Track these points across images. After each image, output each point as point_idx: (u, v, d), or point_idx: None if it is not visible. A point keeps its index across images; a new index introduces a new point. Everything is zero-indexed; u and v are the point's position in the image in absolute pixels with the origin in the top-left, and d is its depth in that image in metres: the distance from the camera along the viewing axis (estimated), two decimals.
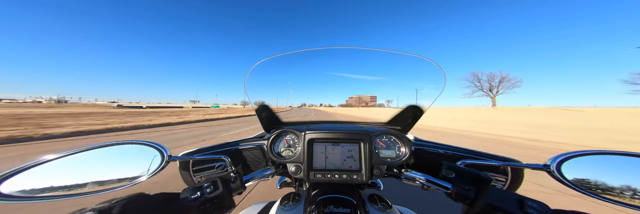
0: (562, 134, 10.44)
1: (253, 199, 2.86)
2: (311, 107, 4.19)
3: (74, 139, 7.76)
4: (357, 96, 1.98)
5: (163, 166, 0.62)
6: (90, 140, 7.77)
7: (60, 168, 0.54)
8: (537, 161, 0.64)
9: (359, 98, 3.77)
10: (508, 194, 0.56)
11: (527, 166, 0.67)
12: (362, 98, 4.02)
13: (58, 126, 10.02)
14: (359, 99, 4.35)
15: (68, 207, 0.43)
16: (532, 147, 7.24)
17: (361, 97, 3.00)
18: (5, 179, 0.48)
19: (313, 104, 3.19)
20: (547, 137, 9.44)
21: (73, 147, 0.58)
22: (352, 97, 2.18)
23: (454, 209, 0.82)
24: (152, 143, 0.65)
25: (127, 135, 8.87)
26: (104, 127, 10.25)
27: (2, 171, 0.48)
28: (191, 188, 0.58)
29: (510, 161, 0.79)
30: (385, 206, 0.73)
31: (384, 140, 0.91)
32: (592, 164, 0.58)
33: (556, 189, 3.16)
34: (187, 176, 0.87)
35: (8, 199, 0.47)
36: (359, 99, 4.43)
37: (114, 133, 9.25)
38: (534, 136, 9.54)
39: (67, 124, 11.27)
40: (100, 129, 9.69)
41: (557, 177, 0.58)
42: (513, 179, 0.82)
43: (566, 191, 3.03)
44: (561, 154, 0.60)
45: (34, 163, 0.52)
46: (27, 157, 4.92)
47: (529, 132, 11.26)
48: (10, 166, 0.47)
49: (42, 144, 6.73)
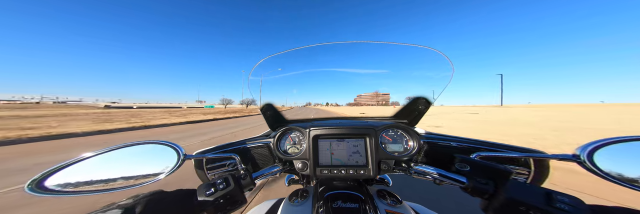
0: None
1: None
2: (315, 106, 4.07)
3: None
4: (368, 93, 1.86)
5: (179, 164, 0.66)
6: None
7: (94, 166, 0.60)
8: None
9: (371, 96, 3.45)
10: (533, 188, 0.51)
11: (553, 156, 0.60)
12: (376, 96, 3.69)
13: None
14: (370, 97, 4.05)
15: (100, 202, 0.46)
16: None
17: (375, 95, 2.74)
18: (49, 175, 0.53)
19: (319, 103, 3.14)
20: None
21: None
22: (362, 95, 2.08)
23: (468, 204, 0.77)
24: (170, 143, 0.68)
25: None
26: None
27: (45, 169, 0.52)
28: (206, 185, 0.60)
29: (532, 152, 0.72)
30: (395, 202, 0.70)
31: (391, 134, 0.89)
32: (630, 152, 0.51)
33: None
34: (202, 173, 0.90)
35: (53, 193, 0.52)
36: (371, 97, 4.13)
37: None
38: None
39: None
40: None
41: (589, 168, 0.52)
42: (537, 172, 0.75)
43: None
44: (592, 143, 0.54)
45: (73, 161, 0.57)
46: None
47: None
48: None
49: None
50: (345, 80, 1.64)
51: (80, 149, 6.40)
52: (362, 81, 1.58)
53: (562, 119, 15.60)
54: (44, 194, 0.51)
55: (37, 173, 0.52)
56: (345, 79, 1.61)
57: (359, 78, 1.53)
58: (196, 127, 12.49)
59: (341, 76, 1.51)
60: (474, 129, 9.98)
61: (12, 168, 4.34)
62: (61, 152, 5.86)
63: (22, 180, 3.66)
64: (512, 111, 30.89)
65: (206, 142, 7.51)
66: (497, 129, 9.83)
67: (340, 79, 1.60)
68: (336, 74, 1.50)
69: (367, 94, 2.34)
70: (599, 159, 0.52)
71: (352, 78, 1.56)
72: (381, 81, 1.57)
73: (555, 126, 10.65)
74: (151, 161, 0.66)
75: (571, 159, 0.55)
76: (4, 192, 3.09)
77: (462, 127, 11.13)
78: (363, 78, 1.51)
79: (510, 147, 0.79)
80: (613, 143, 0.52)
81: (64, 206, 2.67)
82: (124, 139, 8.51)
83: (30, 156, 5.38)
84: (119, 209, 0.45)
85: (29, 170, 4.27)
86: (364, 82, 1.59)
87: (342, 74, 1.49)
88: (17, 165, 4.55)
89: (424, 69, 1.17)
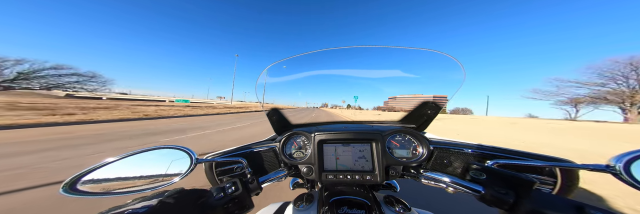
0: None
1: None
2: (322, 108, 3.56)
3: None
4: (405, 96, 1.48)
5: (193, 167, 0.70)
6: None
7: (117, 169, 0.65)
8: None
9: (409, 99, 2.53)
10: (560, 200, 0.47)
11: (584, 166, 0.54)
12: (429, 99, 2.54)
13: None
14: (406, 101, 3.05)
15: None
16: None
17: (428, 99, 1.86)
18: (79, 178, 0.59)
19: (337, 104, 2.96)
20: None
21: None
22: (397, 98, 1.75)
23: (482, 213, 0.71)
24: (183, 148, 0.72)
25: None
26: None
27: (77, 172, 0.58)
28: (216, 188, 0.62)
29: (559, 161, 0.66)
30: (404, 209, 0.68)
31: (398, 139, 0.87)
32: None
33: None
34: (212, 177, 0.93)
35: (84, 194, 0.58)
36: (406, 101, 3.09)
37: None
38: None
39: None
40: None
41: (625, 179, 0.47)
42: (564, 183, 0.68)
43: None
44: (628, 153, 0.48)
45: (98, 165, 0.62)
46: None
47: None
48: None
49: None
50: (355, 84, 1.60)
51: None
52: (372, 84, 1.54)
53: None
54: (76, 195, 0.56)
55: (67, 177, 0.57)
56: (355, 83, 1.58)
57: (370, 82, 1.50)
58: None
59: (350, 80, 1.49)
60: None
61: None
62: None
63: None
64: (477, 120, 28.89)
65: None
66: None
67: (351, 83, 1.57)
68: (344, 78, 1.48)
69: (404, 97, 1.79)
70: (637, 171, 0.47)
71: (362, 82, 1.53)
72: (390, 84, 1.53)
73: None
74: (167, 164, 0.71)
75: (605, 170, 0.49)
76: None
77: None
78: (374, 82, 1.48)
79: (532, 155, 0.73)
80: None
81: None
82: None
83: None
84: (146, 202, 0.49)
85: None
86: (374, 85, 1.55)
87: (351, 78, 1.47)
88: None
89: (435, 73, 1.13)
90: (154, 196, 0.52)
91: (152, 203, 0.49)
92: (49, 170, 3.65)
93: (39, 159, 4.23)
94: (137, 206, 0.47)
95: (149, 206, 0.47)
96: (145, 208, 0.46)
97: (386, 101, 1.78)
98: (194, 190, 0.59)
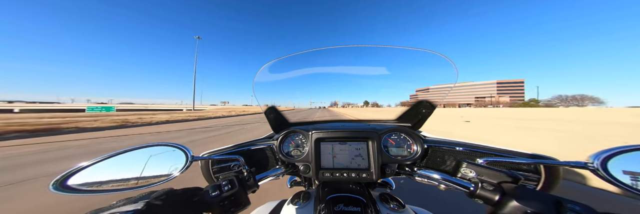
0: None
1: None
2: (332, 108, 3.41)
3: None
4: (444, 85, 1.26)
5: (188, 165, 0.68)
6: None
7: (110, 167, 0.63)
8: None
9: (445, 90, 1.93)
10: (542, 195, 0.50)
11: (565, 164, 0.59)
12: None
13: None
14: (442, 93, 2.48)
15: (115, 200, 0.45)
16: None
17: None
18: (71, 175, 0.57)
19: (350, 102, 2.84)
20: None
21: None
22: (428, 89, 1.57)
23: (473, 210, 0.75)
24: (178, 145, 0.71)
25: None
26: None
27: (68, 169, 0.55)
28: (212, 186, 0.61)
29: (542, 159, 0.70)
30: (398, 206, 0.70)
31: (394, 138, 0.89)
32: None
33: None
34: (208, 175, 0.92)
35: (75, 192, 0.56)
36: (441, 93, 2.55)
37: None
38: None
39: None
40: None
41: (602, 175, 0.50)
42: (547, 179, 0.73)
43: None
44: (606, 150, 0.52)
45: (91, 162, 0.60)
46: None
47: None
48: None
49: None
50: (351, 82, 1.61)
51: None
52: (369, 83, 1.56)
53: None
54: (66, 192, 0.54)
55: (59, 175, 0.55)
56: (351, 82, 1.59)
57: (368, 81, 1.51)
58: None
59: (346, 78, 1.50)
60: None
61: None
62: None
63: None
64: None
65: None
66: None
67: (348, 81, 1.58)
68: (342, 77, 1.48)
69: (438, 88, 1.55)
70: (613, 168, 0.51)
71: (358, 80, 1.54)
72: (384, 82, 1.54)
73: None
74: (162, 162, 0.69)
75: (584, 166, 0.53)
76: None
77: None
78: (370, 80, 1.50)
79: (518, 153, 0.77)
80: (628, 151, 0.51)
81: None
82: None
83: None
84: (132, 205, 0.46)
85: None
86: (370, 84, 1.57)
87: (347, 76, 1.48)
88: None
89: (427, 73, 1.16)
90: (140, 197, 0.50)
91: (137, 206, 0.46)
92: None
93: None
94: (121, 210, 0.44)
95: (134, 210, 0.44)
96: (130, 213, 0.43)
97: (413, 94, 1.74)
98: (186, 189, 0.58)
